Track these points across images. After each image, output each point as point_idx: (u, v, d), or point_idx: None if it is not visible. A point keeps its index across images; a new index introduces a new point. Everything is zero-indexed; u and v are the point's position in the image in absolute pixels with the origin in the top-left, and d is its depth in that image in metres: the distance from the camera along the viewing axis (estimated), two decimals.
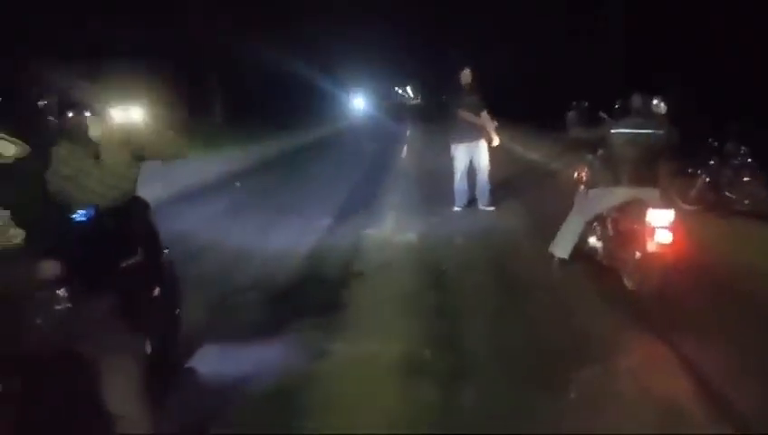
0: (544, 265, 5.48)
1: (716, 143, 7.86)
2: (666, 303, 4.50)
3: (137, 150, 3.01)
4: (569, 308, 4.63)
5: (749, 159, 7.57)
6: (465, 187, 8.02)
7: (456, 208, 8.01)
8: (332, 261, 5.89)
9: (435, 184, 9.42)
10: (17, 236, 2.16)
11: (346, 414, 3.15)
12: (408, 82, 56.01)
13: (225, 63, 23.52)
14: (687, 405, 3.16)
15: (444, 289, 5.12)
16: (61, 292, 2.30)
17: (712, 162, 7.82)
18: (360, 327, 4.29)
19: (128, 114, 3.35)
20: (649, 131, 4.99)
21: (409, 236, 6.86)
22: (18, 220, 2.17)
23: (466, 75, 7.80)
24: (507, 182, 9.65)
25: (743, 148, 7.64)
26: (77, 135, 2.78)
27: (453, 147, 7.94)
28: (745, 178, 7.52)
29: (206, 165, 11.82)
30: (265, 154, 16.23)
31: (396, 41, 37.92)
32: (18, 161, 2.20)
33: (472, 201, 8.10)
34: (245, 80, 24.96)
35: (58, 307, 2.30)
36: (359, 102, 44.21)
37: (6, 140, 2.21)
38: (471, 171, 7.98)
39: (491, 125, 7.81)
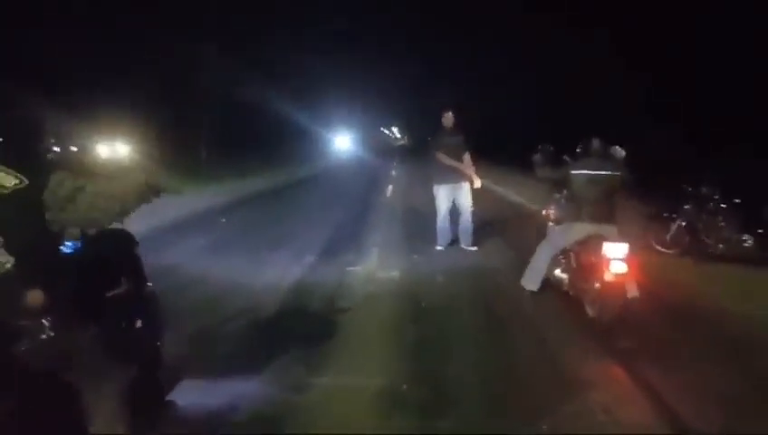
0: (517, 298, 5.80)
1: (690, 188, 8.10)
2: (624, 329, 4.89)
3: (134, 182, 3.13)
4: (538, 337, 4.88)
5: (722, 204, 7.80)
6: (448, 226, 8.12)
7: (438, 247, 8.11)
8: (317, 296, 5.95)
9: (419, 223, 9.56)
10: (8, 262, 2.23)
11: None
12: (395, 123, 56.67)
13: (212, 100, 23.83)
14: (646, 423, 3.43)
15: (424, 324, 5.21)
16: (45, 321, 2.37)
17: (687, 206, 8.03)
18: (342, 361, 4.33)
19: (114, 149, 3.45)
20: (606, 172, 5.47)
21: (393, 273, 6.94)
22: (10, 248, 2.25)
23: (448, 118, 7.96)
24: (490, 222, 9.80)
25: (716, 192, 7.87)
26: (68, 165, 2.88)
27: (435, 187, 8.07)
28: (720, 223, 7.73)
29: (191, 200, 11.87)
30: (251, 190, 16.32)
31: (383, 80, 38.52)
32: (16, 192, 2.30)
33: (455, 241, 8.20)
34: (232, 116, 25.25)
35: (42, 336, 2.36)
36: (343, 142, 44.17)
37: (5, 172, 2.30)
38: (454, 212, 8.10)
39: (471, 168, 7.95)
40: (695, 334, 4.90)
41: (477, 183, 8.06)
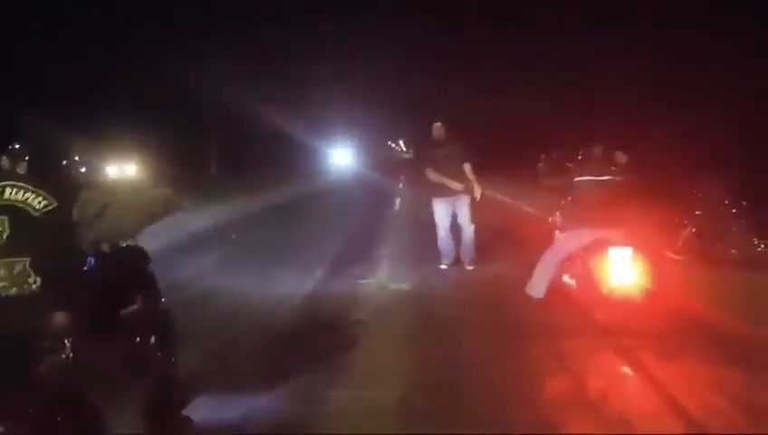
0: (524, 306, 5.71)
1: (701, 193, 8.05)
2: (630, 332, 4.82)
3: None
4: (545, 343, 4.86)
5: (734, 209, 7.74)
6: (450, 242, 7.63)
7: (441, 266, 7.68)
8: (329, 308, 5.97)
9: (426, 237, 9.46)
10: (34, 282, 2.24)
11: None
12: (401, 136, 56.34)
13: (212, 115, 23.98)
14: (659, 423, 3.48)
15: (436, 335, 5.20)
16: (67, 342, 2.37)
17: (698, 212, 7.97)
18: (357, 373, 4.33)
19: (123, 170, 3.49)
20: (608, 177, 5.58)
21: (402, 285, 6.94)
22: (37, 268, 2.26)
23: (438, 129, 7.40)
24: (500, 234, 9.72)
25: (726, 199, 7.82)
26: (94, 183, 2.95)
27: (433, 202, 7.60)
28: (732, 229, 7.66)
29: (202, 217, 11.92)
30: (259, 207, 16.39)
31: (389, 92, 37.87)
32: (46, 214, 2.31)
33: (458, 257, 7.69)
34: (238, 134, 25.41)
35: (63, 356, 2.36)
36: (342, 156, 42.29)
37: (35, 193, 2.32)
38: (457, 227, 7.60)
39: (473, 179, 7.34)
40: (699, 337, 4.83)
41: (477, 193, 7.37)
